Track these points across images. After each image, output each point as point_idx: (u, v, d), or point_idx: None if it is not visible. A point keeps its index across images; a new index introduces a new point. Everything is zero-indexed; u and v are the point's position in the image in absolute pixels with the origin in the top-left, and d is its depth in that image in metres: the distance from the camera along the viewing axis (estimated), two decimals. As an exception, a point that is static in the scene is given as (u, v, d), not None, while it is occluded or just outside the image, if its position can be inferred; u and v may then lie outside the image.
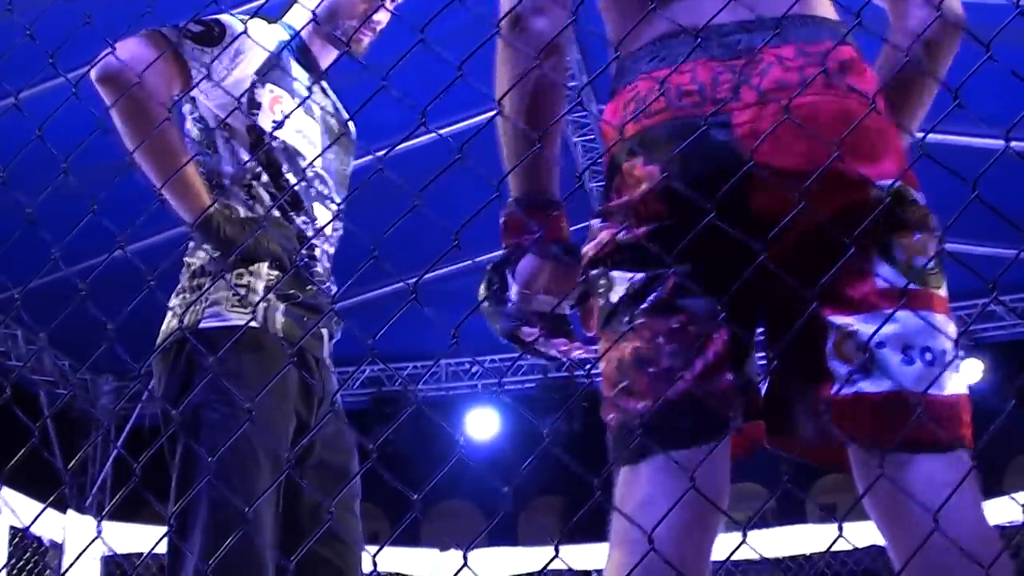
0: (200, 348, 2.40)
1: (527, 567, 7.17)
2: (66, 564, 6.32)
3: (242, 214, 2.72)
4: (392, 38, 2.71)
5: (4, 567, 6.42)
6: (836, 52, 1.73)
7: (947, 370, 1.62)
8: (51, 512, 6.82)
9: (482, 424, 11.89)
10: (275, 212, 2.74)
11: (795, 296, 1.64)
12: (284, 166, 2.78)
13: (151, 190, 2.22)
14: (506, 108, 1.87)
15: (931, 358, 1.62)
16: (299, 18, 2.96)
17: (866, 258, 1.66)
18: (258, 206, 2.75)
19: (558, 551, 1.41)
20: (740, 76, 1.72)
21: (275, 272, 2.71)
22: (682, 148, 1.69)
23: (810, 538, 7.29)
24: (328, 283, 2.88)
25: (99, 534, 1.69)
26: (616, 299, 1.76)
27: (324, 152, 2.88)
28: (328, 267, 2.89)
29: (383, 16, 2.93)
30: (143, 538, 6.18)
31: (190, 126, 2.84)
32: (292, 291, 2.73)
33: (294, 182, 2.79)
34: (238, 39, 2.67)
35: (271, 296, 2.69)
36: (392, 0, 2.96)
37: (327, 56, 3.04)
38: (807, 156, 1.64)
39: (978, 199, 1.48)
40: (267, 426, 2.50)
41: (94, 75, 2.47)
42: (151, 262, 1.86)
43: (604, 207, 1.83)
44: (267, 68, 2.76)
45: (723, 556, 1.70)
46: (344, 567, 2.64)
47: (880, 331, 1.61)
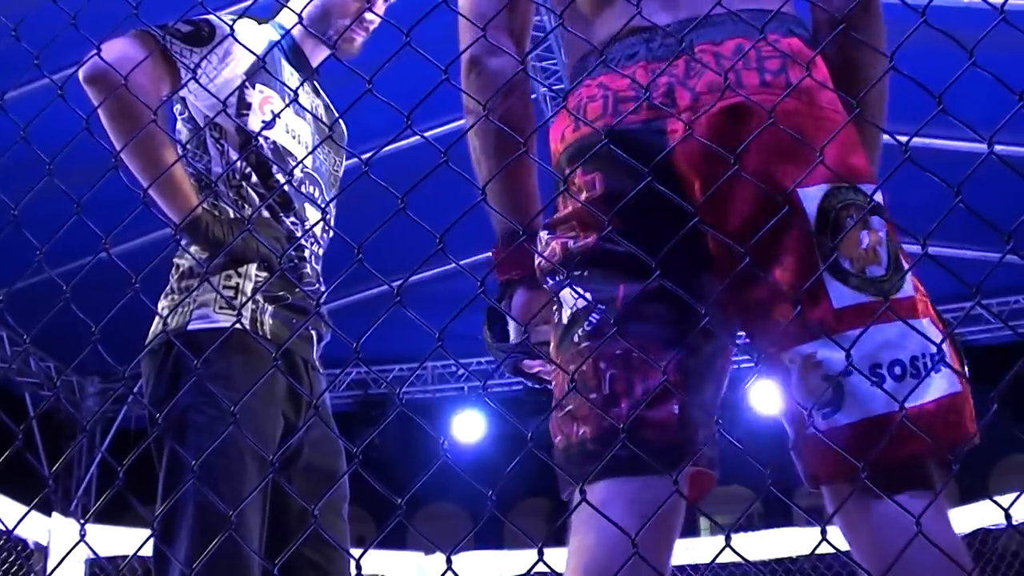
0: (186, 351, 2.38)
1: (512, 570, 7.15)
2: (50, 567, 6.29)
3: (231, 215, 2.70)
4: (379, 41, 2.71)
5: (-12, 569, 6.40)
6: (779, 46, 1.70)
7: (921, 376, 1.54)
8: (36, 514, 6.79)
9: (468, 427, 11.89)
10: (265, 213, 2.73)
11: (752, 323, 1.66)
12: (274, 167, 2.76)
13: (136, 191, 2.22)
14: (478, 153, 1.91)
15: (900, 371, 1.54)
16: (291, 18, 2.93)
17: (813, 276, 1.58)
18: (247, 207, 2.73)
19: (542, 554, 1.41)
20: (676, 78, 1.70)
21: (264, 274, 2.70)
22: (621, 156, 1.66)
23: (795, 541, 7.28)
24: (317, 285, 2.86)
25: (83, 537, 1.68)
26: (565, 319, 1.74)
27: (314, 151, 2.87)
28: (318, 269, 2.87)
29: (376, 14, 2.91)
30: (128, 541, 6.15)
31: (180, 127, 2.82)
32: (281, 293, 2.72)
33: (284, 183, 2.77)
34: (227, 39, 2.65)
35: (260, 298, 2.68)
36: (384, 0, 2.95)
37: (319, 55, 3.03)
38: (739, 165, 1.58)
39: (962, 204, 1.47)
40: (254, 429, 2.47)
41: (82, 75, 2.46)
42: (137, 264, 1.85)
43: (551, 219, 1.82)
44: (255, 69, 2.73)
45: (708, 560, 1.70)
46: (331, 570, 2.63)
47: (841, 359, 1.51)
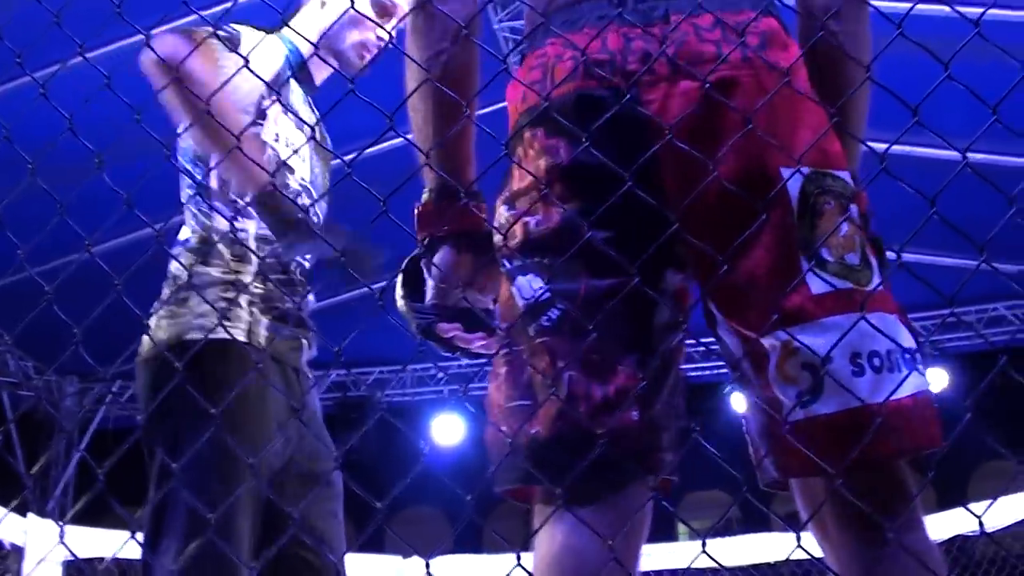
0: (180, 360, 2.38)
1: (490, 575, 7.15)
2: (27, 568, 6.27)
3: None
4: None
5: (-35, 570, 6.38)
6: (757, 24, 1.63)
7: (896, 371, 1.49)
8: (12, 515, 6.77)
9: (447, 430, 11.87)
10: (262, 226, 2.72)
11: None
12: (275, 179, 2.73)
13: (119, 192, 2.22)
14: (415, 99, 1.76)
15: (878, 363, 1.49)
16: (300, 30, 2.94)
17: (793, 262, 1.52)
18: (244, 219, 2.74)
19: (520, 559, 1.41)
20: (652, 46, 1.60)
21: (260, 286, 2.71)
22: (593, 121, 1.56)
23: (773, 546, 7.30)
24: (306, 294, 2.88)
25: (61, 539, 1.68)
26: (521, 306, 1.63)
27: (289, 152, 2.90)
28: (303, 279, 2.87)
29: (384, 32, 2.92)
30: (106, 542, 6.14)
31: (184, 139, 2.81)
32: (275, 304, 2.74)
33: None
34: (249, 48, 2.60)
35: (255, 309, 2.69)
36: (389, 20, 2.97)
37: (323, 73, 3.05)
38: (719, 140, 1.54)
39: (937, 214, 1.47)
40: (248, 438, 2.47)
41: (151, 62, 2.51)
42: (118, 263, 1.85)
43: (510, 191, 1.70)
44: (280, 83, 2.78)
45: (684, 565, 1.70)
46: (326, 572, 2.64)
47: (825, 344, 1.47)
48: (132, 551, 2.03)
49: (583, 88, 1.61)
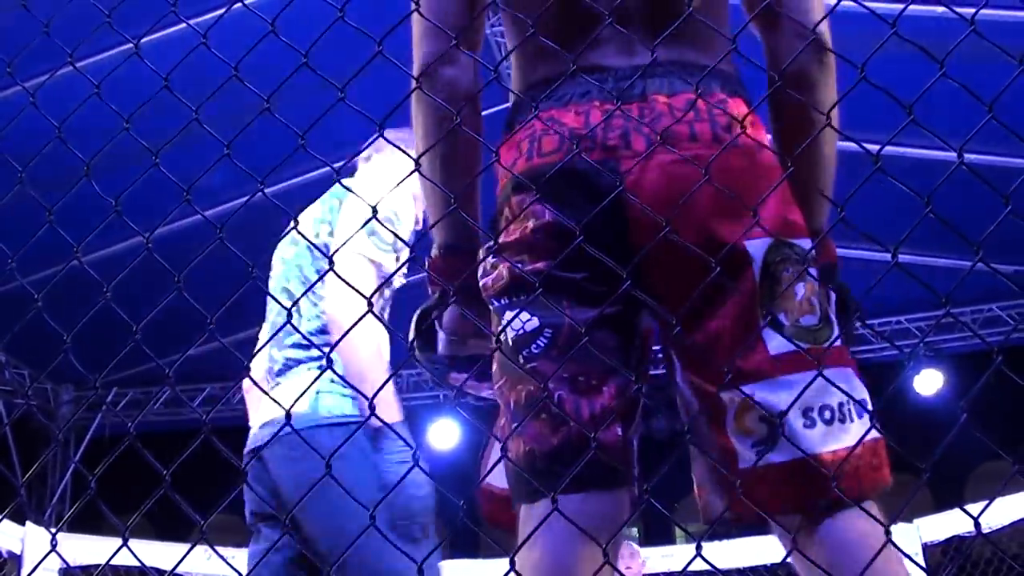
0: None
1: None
2: (23, 576, 6.27)
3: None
4: (350, 49, 2.71)
5: (-39, 579, 6.37)
6: (728, 106, 1.78)
7: (847, 422, 1.63)
8: (9, 523, 6.76)
9: (443, 435, 11.86)
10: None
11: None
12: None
13: (108, 199, 2.21)
14: (423, 161, 1.86)
15: (829, 416, 1.63)
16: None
17: (753, 326, 1.68)
18: None
19: (513, 564, 1.41)
20: (632, 122, 1.76)
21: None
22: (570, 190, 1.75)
23: (769, 549, 7.31)
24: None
25: (54, 547, 1.67)
26: (511, 340, 1.78)
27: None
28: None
29: None
30: (104, 550, 6.13)
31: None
32: None
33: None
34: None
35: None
36: None
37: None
38: (684, 213, 1.67)
39: (932, 214, 1.49)
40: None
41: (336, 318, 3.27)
42: (113, 270, 1.85)
43: (497, 243, 1.84)
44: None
45: (679, 568, 1.72)
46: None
47: (780, 400, 1.61)
48: (126, 558, 2.01)
49: (566, 159, 1.76)
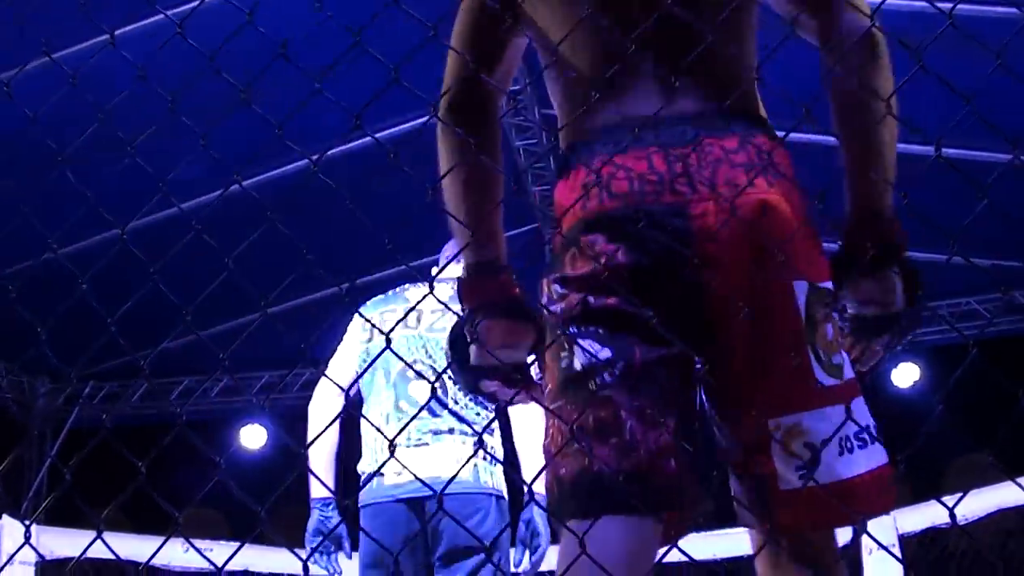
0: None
1: None
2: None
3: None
4: (329, 42, 2.72)
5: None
6: (770, 149, 1.93)
7: (865, 447, 1.83)
8: (-15, 516, 6.73)
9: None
10: None
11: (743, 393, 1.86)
12: None
13: (86, 192, 2.21)
14: (447, 181, 2.05)
15: (854, 443, 1.83)
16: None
17: (801, 361, 1.84)
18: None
19: (490, 555, 1.41)
20: (692, 167, 1.90)
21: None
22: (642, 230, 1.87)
23: (744, 542, 7.31)
24: None
25: (27, 540, 1.67)
26: (580, 367, 1.89)
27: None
28: None
29: None
30: (81, 543, 6.10)
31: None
32: None
33: None
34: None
35: None
36: None
37: None
38: (752, 251, 1.84)
39: (908, 207, 1.50)
40: None
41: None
42: (91, 263, 1.84)
43: (564, 274, 1.97)
44: None
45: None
46: None
47: (822, 429, 1.80)
48: (102, 551, 2.01)
49: (639, 201, 1.90)
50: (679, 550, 1.44)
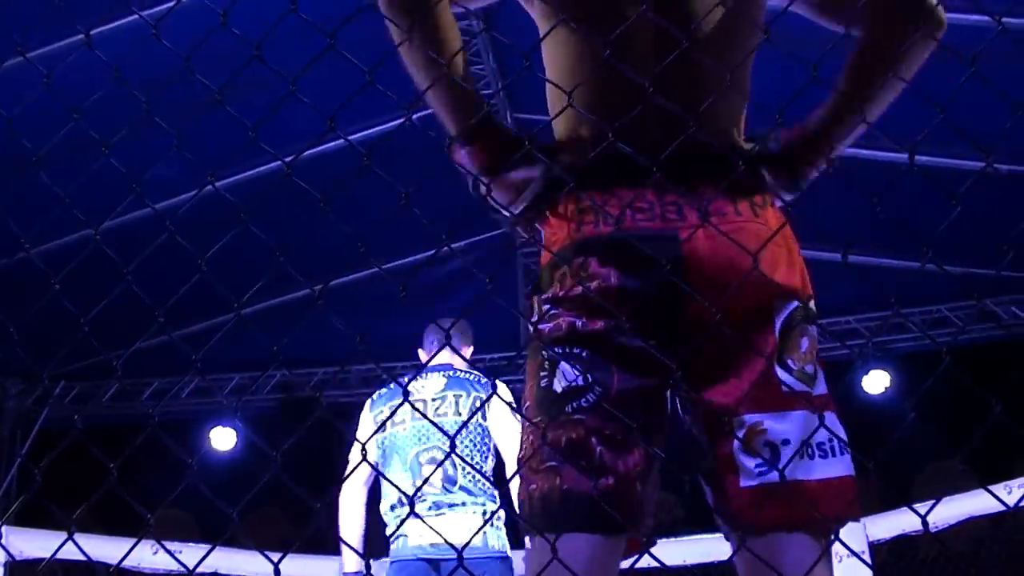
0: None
1: None
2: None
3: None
4: (303, 44, 2.71)
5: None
6: (759, 182, 2.05)
7: (831, 457, 1.93)
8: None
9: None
10: None
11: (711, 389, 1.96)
12: None
13: (60, 191, 2.20)
14: (406, 61, 2.04)
15: (819, 450, 1.92)
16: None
17: (772, 366, 1.95)
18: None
19: (461, 561, 1.41)
20: (683, 198, 1.99)
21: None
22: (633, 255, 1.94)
23: (717, 547, 7.33)
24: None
25: (-2, 540, 1.65)
26: (560, 389, 1.97)
27: None
28: None
29: None
30: (52, 545, 6.08)
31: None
32: None
33: None
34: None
35: None
36: None
37: None
38: (738, 276, 1.91)
39: (882, 214, 1.50)
40: None
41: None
42: (65, 263, 1.83)
43: (554, 295, 2.04)
44: None
45: (627, 565, 1.78)
46: None
47: (784, 430, 1.93)
48: (73, 552, 2.00)
49: (632, 228, 1.98)
50: (650, 555, 1.45)
